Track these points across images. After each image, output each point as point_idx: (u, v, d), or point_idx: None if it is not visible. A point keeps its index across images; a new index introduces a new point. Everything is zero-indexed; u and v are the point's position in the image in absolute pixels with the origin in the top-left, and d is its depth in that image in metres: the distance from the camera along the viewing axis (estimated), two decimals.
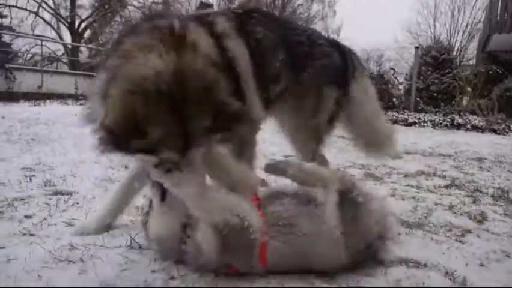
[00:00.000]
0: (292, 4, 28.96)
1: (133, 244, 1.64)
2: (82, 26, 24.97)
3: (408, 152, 5.17)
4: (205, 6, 22.88)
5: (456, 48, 26.34)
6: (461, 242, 1.92)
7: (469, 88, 13.24)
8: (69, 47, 24.13)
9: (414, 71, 12.71)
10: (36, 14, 23.53)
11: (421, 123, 10.26)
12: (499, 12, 15.76)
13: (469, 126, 9.80)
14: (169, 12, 1.40)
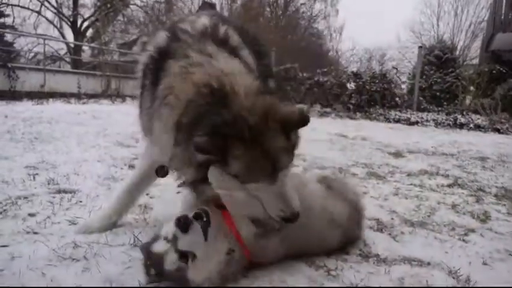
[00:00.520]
0: (294, 3, 28.89)
1: (136, 242, 1.65)
2: (85, 25, 24.95)
3: (411, 151, 5.15)
4: (207, 5, 22.91)
5: (459, 47, 26.22)
6: (465, 241, 1.92)
7: (472, 87, 13.13)
8: (71, 46, 24.17)
9: (417, 70, 12.64)
10: (39, 13, 23.56)
11: (424, 122, 10.22)
12: (503, 11, 15.68)
13: (471, 126, 9.75)
14: None
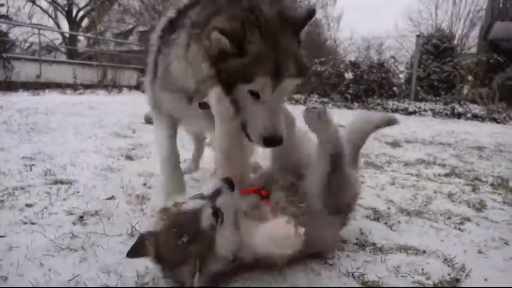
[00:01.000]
0: None
1: (133, 232, 1.65)
2: (80, 14, 24.61)
3: (409, 141, 5.17)
4: None
5: (457, 36, 26.01)
6: (460, 230, 1.94)
7: (470, 77, 13.09)
8: (67, 36, 23.88)
9: (415, 59, 12.59)
10: (34, 2, 23.22)
11: (421, 112, 10.24)
12: (502, 0, 15.56)
13: (469, 115, 9.76)
14: None
